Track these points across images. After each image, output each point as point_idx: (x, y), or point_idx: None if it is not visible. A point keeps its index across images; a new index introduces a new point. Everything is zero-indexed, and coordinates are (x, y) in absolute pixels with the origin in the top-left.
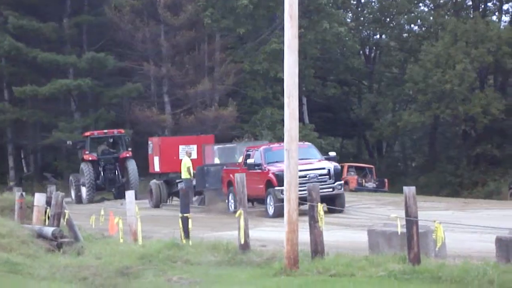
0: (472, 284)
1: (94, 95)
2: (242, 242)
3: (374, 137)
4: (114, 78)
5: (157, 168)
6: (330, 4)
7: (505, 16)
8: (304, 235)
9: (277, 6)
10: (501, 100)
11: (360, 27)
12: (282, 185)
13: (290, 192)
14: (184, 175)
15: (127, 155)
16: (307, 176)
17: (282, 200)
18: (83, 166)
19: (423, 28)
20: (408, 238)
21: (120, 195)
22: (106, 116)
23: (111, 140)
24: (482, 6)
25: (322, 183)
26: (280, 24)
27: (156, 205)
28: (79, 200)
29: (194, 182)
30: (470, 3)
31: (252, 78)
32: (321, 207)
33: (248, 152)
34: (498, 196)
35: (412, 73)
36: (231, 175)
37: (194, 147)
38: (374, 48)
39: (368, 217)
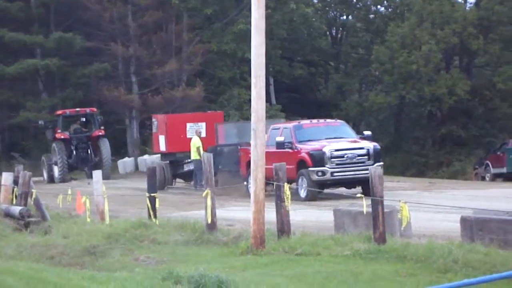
0: (437, 263)
1: (62, 75)
2: (209, 221)
3: (341, 117)
4: (81, 58)
5: (162, 147)
6: None
7: None
8: (271, 215)
9: None
10: (466, 81)
11: (327, 8)
12: (318, 166)
13: (257, 172)
14: (194, 155)
15: (100, 133)
16: (345, 156)
17: (317, 182)
18: (55, 145)
19: (390, 9)
20: (374, 218)
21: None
22: (74, 95)
23: (84, 118)
24: None
25: (361, 164)
26: (248, 5)
27: (160, 188)
28: (51, 179)
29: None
30: None
31: (219, 58)
32: (287, 187)
33: (274, 130)
34: (463, 176)
35: (378, 54)
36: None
37: (203, 124)
38: (340, 29)
39: (336, 197)
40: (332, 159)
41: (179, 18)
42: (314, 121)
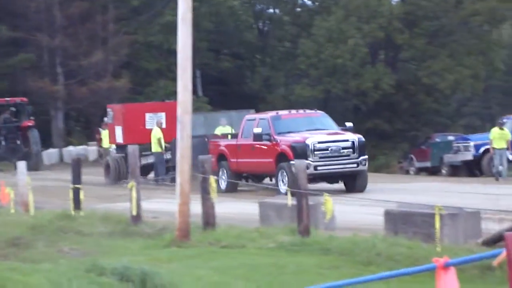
0: (360, 256)
1: None
2: (134, 213)
3: (267, 110)
4: (6, 48)
5: (119, 139)
6: None
7: None
8: (197, 207)
9: None
10: (391, 75)
11: (254, 1)
12: (300, 159)
13: (183, 164)
14: (155, 148)
15: (30, 124)
16: (329, 148)
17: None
18: None
19: (316, 3)
20: (298, 211)
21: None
22: None
23: (14, 108)
24: None
25: (346, 157)
26: None
27: (114, 182)
28: None
29: (166, 156)
30: None
31: (146, 50)
32: (212, 179)
33: (249, 121)
34: (387, 169)
35: (304, 48)
36: (222, 147)
37: (163, 115)
38: (267, 22)
39: (262, 189)
40: (316, 152)
41: (105, 9)
42: (293, 111)
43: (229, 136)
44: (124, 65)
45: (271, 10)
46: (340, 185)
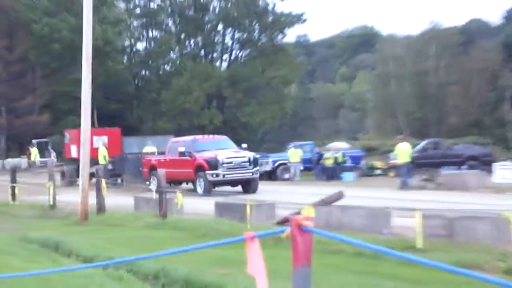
0: (198, 231)
1: None
2: (51, 203)
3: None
4: None
5: (74, 154)
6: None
7: (224, 62)
8: (93, 199)
9: None
10: (220, 116)
11: (132, 66)
12: (212, 169)
13: (84, 170)
14: (101, 161)
15: None
16: (233, 162)
17: (211, 182)
18: None
19: (173, 68)
20: (159, 202)
21: None
22: None
23: None
24: (210, 55)
25: (244, 168)
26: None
27: (69, 185)
28: None
29: (109, 166)
30: (203, 53)
31: (60, 96)
32: (103, 181)
33: (174, 143)
34: None
35: (165, 97)
36: (153, 161)
37: (105, 138)
38: (141, 80)
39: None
40: (224, 164)
41: (34, 70)
42: (206, 136)
43: (156, 153)
44: (46, 106)
45: (143, 72)
46: (189, 185)
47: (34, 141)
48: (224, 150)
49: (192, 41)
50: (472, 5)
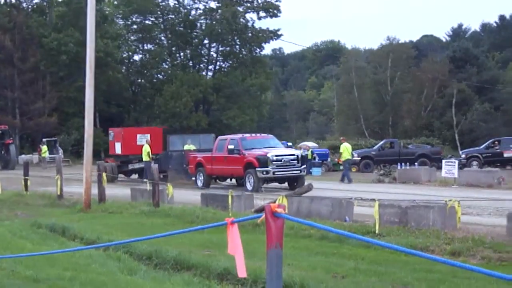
0: (187, 218)
1: None
2: (59, 193)
3: None
4: None
5: (118, 151)
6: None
7: (209, 72)
8: (96, 190)
9: None
10: (206, 119)
11: (129, 74)
12: (263, 167)
13: (87, 165)
14: (145, 158)
15: (10, 142)
16: (283, 159)
17: (261, 179)
18: None
19: (165, 77)
20: (153, 193)
21: (5, 167)
22: None
23: (1, 132)
24: (197, 66)
25: (292, 166)
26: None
27: (110, 180)
28: None
29: (152, 164)
30: (191, 64)
31: (67, 101)
32: (104, 175)
33: (222, 141)
34: None
35: (158, 102)
36: (199, 158)
37: (148, 135)
38: (137, 86)
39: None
40: (274, 162)
41: (44, 77)
42: (253, 134)
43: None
44: (54, 109)
45: (139, 80)
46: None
47: (44, 139)
48: (274, 148)
49: (181, 54)
50: (424, 22)
